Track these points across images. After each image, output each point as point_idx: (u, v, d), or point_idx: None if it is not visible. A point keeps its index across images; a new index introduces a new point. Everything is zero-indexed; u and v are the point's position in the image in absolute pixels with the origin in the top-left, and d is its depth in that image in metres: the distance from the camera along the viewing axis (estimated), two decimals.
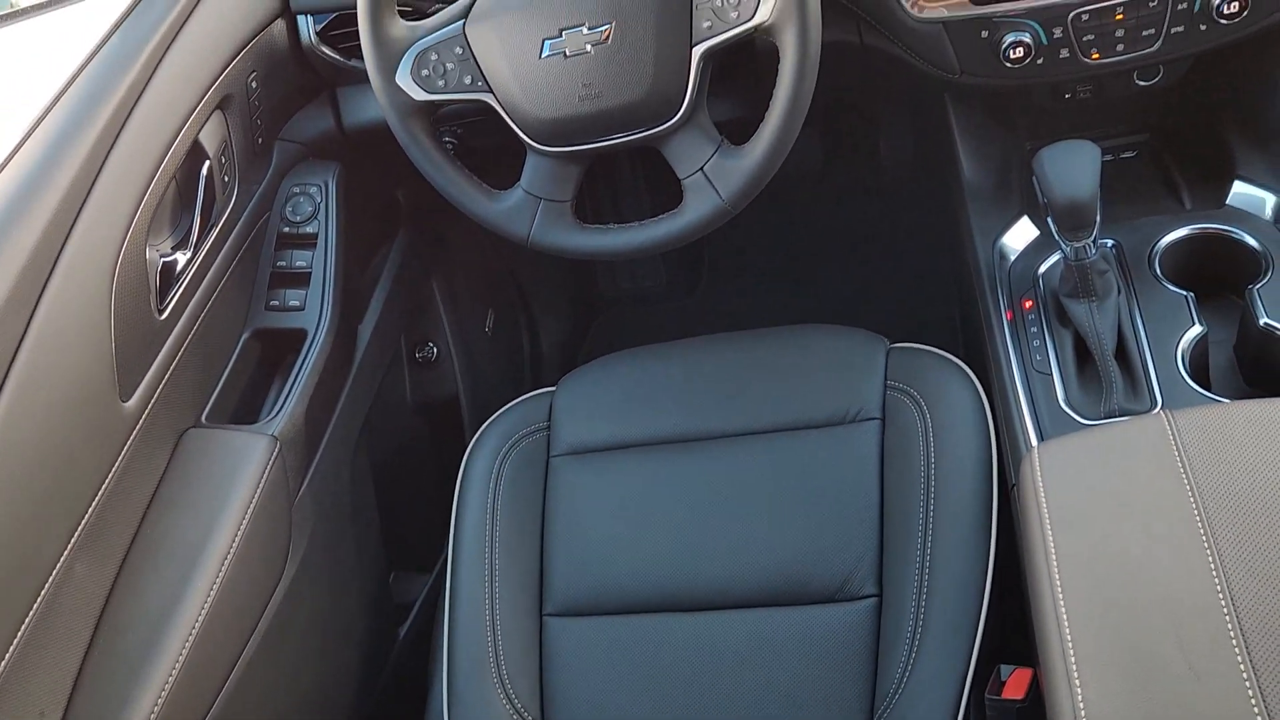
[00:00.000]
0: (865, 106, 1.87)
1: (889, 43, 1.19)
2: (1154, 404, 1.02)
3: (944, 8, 1.11)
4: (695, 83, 1.01)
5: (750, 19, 0.97)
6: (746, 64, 1.23)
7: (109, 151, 1.06)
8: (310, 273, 1.31)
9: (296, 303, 1.30)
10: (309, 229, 1.33)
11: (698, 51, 1.00)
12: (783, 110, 1.00)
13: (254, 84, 1.28)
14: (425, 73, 1.07)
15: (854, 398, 1.15)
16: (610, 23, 1.00)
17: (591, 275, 2.11)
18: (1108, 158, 1.33)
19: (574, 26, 1.01)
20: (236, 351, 1.26)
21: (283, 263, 1.32)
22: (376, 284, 1.49)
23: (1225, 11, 1.04)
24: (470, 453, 1.27)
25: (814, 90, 1.01)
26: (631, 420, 1.24)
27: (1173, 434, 0.74)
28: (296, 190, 1.34)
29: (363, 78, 1.13)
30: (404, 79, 1.08)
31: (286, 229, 1.33)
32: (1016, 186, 1.30)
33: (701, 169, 1.05)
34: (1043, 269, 1.18)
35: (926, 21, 1.12)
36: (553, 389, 1.30)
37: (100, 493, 1.02)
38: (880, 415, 1.14)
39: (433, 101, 1.09)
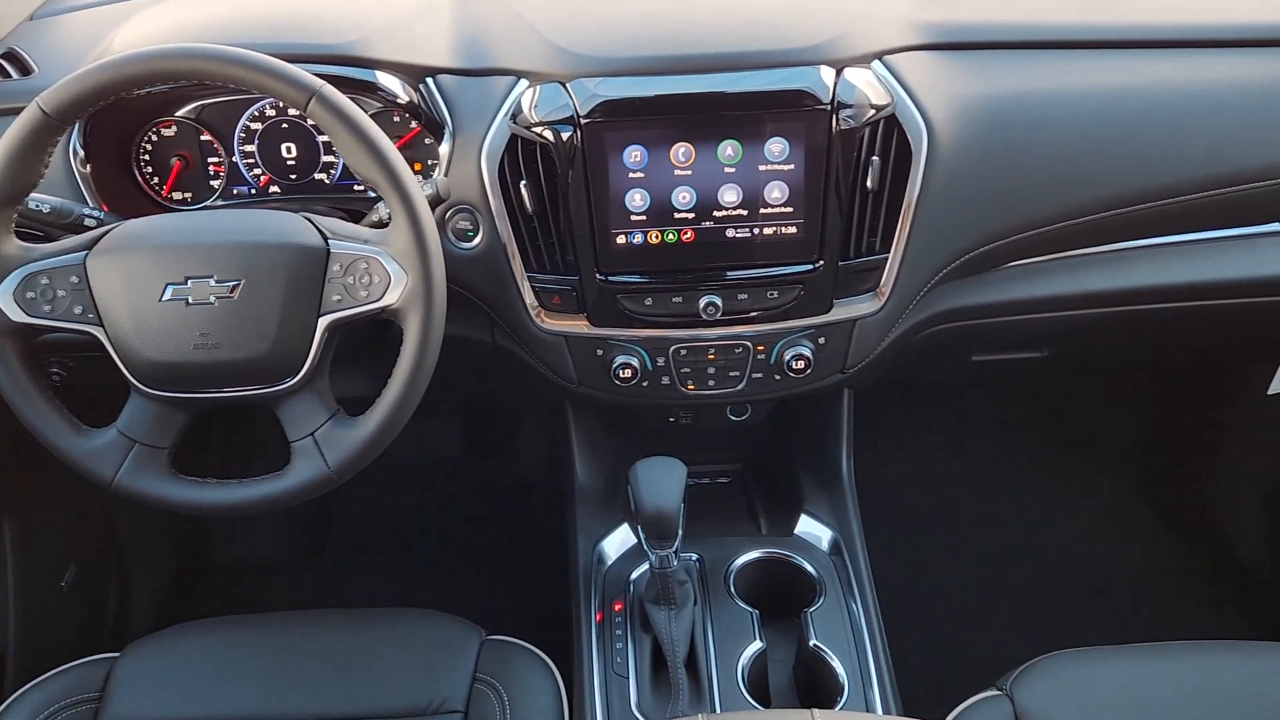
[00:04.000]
0: (506, 402, 1.96)
1: (517, 346, 1.28)
2: (713, 712, 1.08)
3: (567, 323, 1.22)
4: (317, 350, 1.03)
5: (378, 300, 1.01)
6: (380, 343, 1.27)
7: None
8: None
9: None
10: None
11: (323, 321, 1.02)
12: (399, 389, 1.03)
13: None
14: (31, 295, 1.02)
15: (439, 688, 1.13)
16: (240, 280, 1.01)
17: (203, 538, 1.97)
18: (705, 480, 1.47)
19: (202, 277, 1.01)
20: None
21: None
22: None
23: (794, 366, 1.22)
24: None
25: (453, 381, 1.05)
26: (199, 697, 1.12)
27: None
28: None
29: None
30: (4, 297, 1.01)
31: None
32: (622, 495, 1.40)
33: (312, 434, 1.05)
34: (635, 574, 1.26)
35: (549, 333, 1.23)
36: (115, 655, 1.16)
37: None
38: (463, 708, 1.11)
39: (32, 325, 1.02)
